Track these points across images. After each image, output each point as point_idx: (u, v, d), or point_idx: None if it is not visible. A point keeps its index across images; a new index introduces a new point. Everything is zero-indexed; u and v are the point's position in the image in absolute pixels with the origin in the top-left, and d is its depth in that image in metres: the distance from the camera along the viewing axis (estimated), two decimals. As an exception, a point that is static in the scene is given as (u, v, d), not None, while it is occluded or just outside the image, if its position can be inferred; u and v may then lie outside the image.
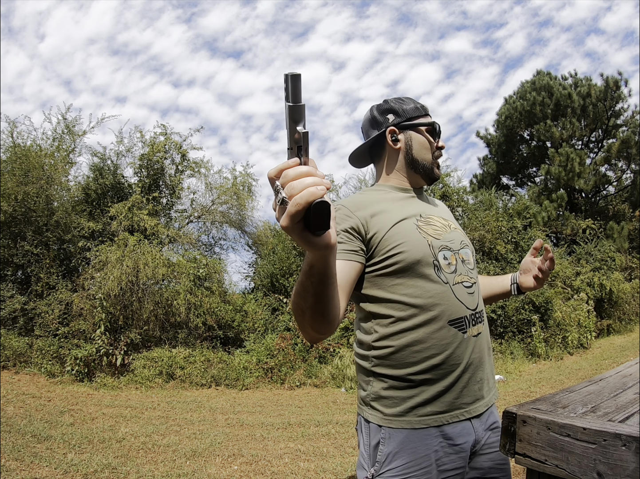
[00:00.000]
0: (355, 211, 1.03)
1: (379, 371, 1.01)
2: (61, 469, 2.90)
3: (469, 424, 1.00)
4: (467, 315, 1.01)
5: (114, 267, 6.61)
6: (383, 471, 0.96)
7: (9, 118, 8.24)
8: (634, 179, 13.40)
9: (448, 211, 1.26)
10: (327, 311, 0.77)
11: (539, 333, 7.58)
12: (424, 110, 1.15)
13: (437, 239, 1.05)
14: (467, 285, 1.06)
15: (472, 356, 1.01)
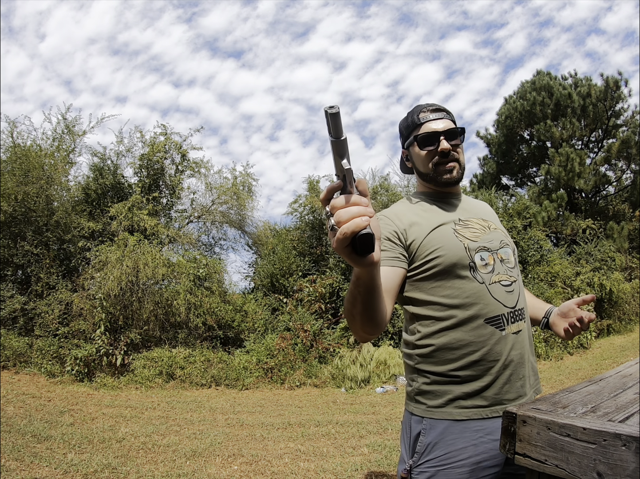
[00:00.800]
0: (395, 220, 1.11)
1: (423, 368, 1.06)
2: (61, 469, 2.90)
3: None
4: (504, 313, 1.04)
5: (114, 267, 6.61)
6: (421, 461, 0.99)
7: (9, 118, 8.25)
8: (634, 179, 13.40)
9: (490, 211, 1.27)
10: (374, 316, 0.86)
11: (539, 333, 7.58)
12: (418, 120, 1.15)
13: (475, 241, 1.08)
14: (505, 284, 1.07)
15: (512, 353, 1.03)
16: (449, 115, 1.16)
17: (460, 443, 0.98)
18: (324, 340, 6.91)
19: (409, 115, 1.19)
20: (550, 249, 10.32)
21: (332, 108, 0.58)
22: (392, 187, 9.51)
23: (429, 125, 1.13)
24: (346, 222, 0.59)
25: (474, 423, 0.99)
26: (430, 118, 1.14)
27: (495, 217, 1.25)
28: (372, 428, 4.14)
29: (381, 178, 10.08)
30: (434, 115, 1.14)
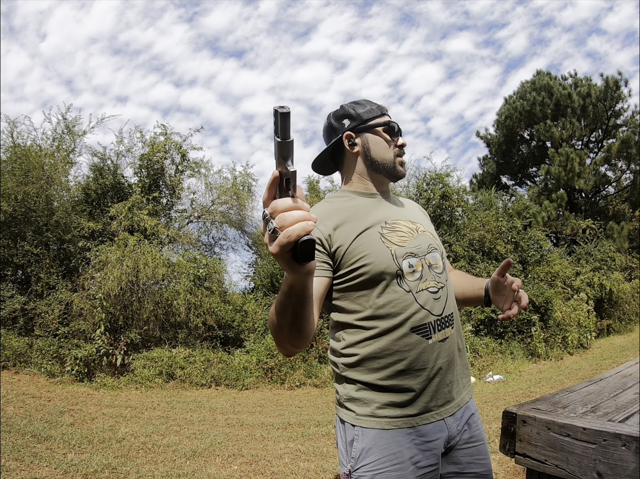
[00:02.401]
0: (319, 224, 1.03)
1: (349, 376, 1.04)
2: (61, 469, 2.90)
3: (442, 423, 1.02)
4: (431, 321, 1.02)
5: (114, 267, 6.61)
6: (358, 466, 0.99)
7: (9, 118, 8.25)
8: (634, 179, 13.40)
9: (418, 211, 1.24)
10: (303, 328, 0.82)
11: (539, 333, 7.58)
12: (381, 110, 1.14)
13: (402, 246, 1.04)
14: (432, 291, 1.05)
15: (439, 361, 1.02)
16: None
17: (394, 447, 0.97)
18: (323, 339, 6.91)
19: (361, 102, 1.16)
20: (550, 249, 10.32)
21: (283, 108, 0.56)
22: (391, 186, 9.51)
23: (388, 119, 1.14)
24: (290, 225, 0.56)
25: (405, 430, 0.99)
26: (388, 115, 1.15)
27: (424, 217, 1.22)
28: (372, 428, 4.13)
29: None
30: (388, 113, 1.16)
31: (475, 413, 1.11)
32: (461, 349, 1.12)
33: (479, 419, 1.12)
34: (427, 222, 1.20)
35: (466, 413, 1.08)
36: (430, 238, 1.12)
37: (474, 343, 7.12)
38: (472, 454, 1.05)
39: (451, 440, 1.04)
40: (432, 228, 1.20)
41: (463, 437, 1.06)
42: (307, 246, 0.58)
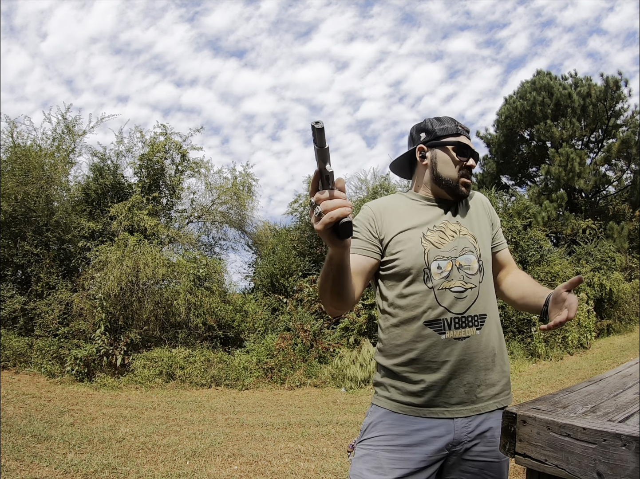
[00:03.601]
0: (376, 213, 1.19)
1: (377, 360, 1.18)
2: (61, 469, 2.90)
3: (450, 422, 1.04)
4: (447, 318, 1.07)
5: (114, 267, 6.61)
6: (363, 438, 1.09)
7: (9, 118, 8.25)
8: (634, 179, 13.40)
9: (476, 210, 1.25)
10: (342, 292, 0.98)
11: (539, 333, 7.57)
12: (457, 130, 1.21)
13: (438, 248, 1.13)
14: (457, 290, 1.10)
15: (452, 358, 1.05)
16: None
17: (395, 429, 1.05)
18: (323, 340, 6.91)
19: (443, 119, 1.24)
20: (550, 249, 10.32)
21: (318, 123, 0.71)
22: (392, 186, 9.51)
23: (464, 140, 1.21)
24: (332, 210, 0.74)
25: (411, 417, 1.06)
26: (465, 135, 1.23)
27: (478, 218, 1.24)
28: (372, 428, 4.13)
29: (381, 177, 10.09)
30: (467, 134, 1.24)
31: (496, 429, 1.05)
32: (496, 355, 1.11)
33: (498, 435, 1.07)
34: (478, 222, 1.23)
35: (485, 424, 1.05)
36: (469, 241, 1.17)
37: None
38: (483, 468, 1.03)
39: (457, 444, 1.03)
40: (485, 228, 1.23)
41: (475, 449, 1.04)
42: (346, 226, 0.76)
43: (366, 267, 1.13)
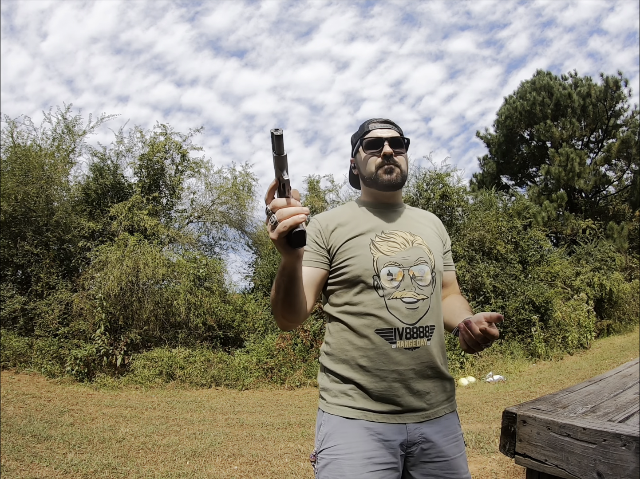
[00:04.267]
0: (323, 223, 1.20)
1: (324, 364, 1.17)
2: (61, 469, 2.90)
3: (403, 426, 1.06)
4: (398, 327, 1.07)
5: (114, 267, 6.61)
6: (322, 448, 1.08)
7: (9, 118, 8.24)
8: (634, 179, 13.40)
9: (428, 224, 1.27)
10: (293, 303, 0.99)
11: (539, 333, 7.58)
12: (366, 127, 1.22)
13: (388, 255, 1.13)
14: (409, 301, 1.10)
15: (402, 367, 1.07)
16: (396, 128, 1.24)
17: (350, 437, 1.05)
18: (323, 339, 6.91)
19: (361, 125, 1.27)
20: (550, 249, 10.32)
21: (277, 130, 0.72)
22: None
23: (375, 132, 1.21)
24: (287, 218, 0.75)
25: (364, 422, 1.06)
26: (378, 127, 1.22)
27: (431, 231, 1.25)
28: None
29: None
30: (381, 125, 1.22)
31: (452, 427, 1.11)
32: (442, 364, 1.14)
33: (456, 433, 1.12)
34: (431, 236, 1.23)
35: (436, 426, 1.08)
36: (424, 252, 1.16)
37: (474, 343, 7.11)
38: (442, 468, 1.06)
39: (412, 446, 1.05)
40: (437, 243, 1.22)
41: (433, 451, 1.06)
42: (299, 235, 0.77)
43: (316, 279, 1.15)
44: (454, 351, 6.89)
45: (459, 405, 4.82)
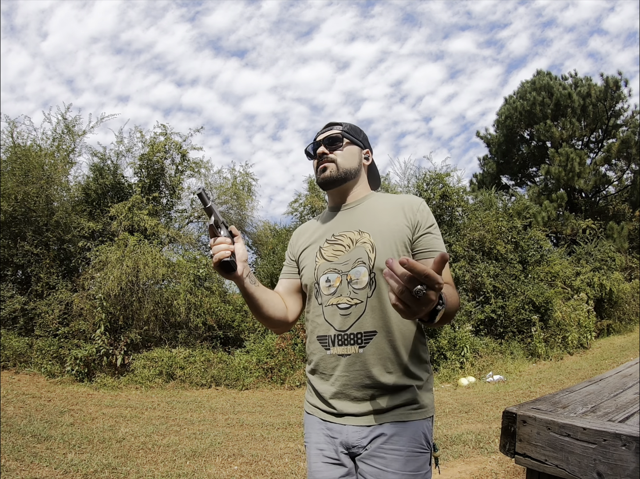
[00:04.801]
0: (294, 238, 1.31)
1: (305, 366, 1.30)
2: (61, 469, 2.90)
3: (344, 428, 1.09)
4: (331, 334, 1.10)
5: (114, 267, 6.61)
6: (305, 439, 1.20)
7: (9, 118, 8.25)
8: (634, 179, 13.40)
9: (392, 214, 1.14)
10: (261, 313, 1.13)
11: (539, 333, 7.58)
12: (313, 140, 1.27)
13: (330, 261, 1.14)
14: (342, 306, 1.10)
15: (337, 373, 1.09)
16: (338, 126, 1.24)
17: (311, 428, 1.16)
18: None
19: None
20: (550, 249, 10.32)
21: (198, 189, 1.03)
22: (391, 186, 9.52)
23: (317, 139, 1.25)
24: (216, 253, 0.99)
25: (317, 418, 1.15)
26: (318, 134, 1.26)
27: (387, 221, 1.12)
28: (372, 428, 4.13)
29: (381, 177, 10.08)
30: (321, 131, 1.26)
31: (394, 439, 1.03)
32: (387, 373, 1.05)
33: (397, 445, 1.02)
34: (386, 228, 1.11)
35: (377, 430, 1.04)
36: (364, 251, 1.09)
37: (474, 343, 7.12)
38: (372, 474, 1.03)
39: (352, 448, 1.06)
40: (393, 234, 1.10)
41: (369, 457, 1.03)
42: (225, 264, 1.01)
43: (291, 288, 1.23)
44: (454, 351, 6.90)
45: (459, 405, 4.83)
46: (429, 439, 1.07)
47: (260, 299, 1.11)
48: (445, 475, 2.90)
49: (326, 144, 1.20)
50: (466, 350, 6.84)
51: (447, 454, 3.28)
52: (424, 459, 1.04)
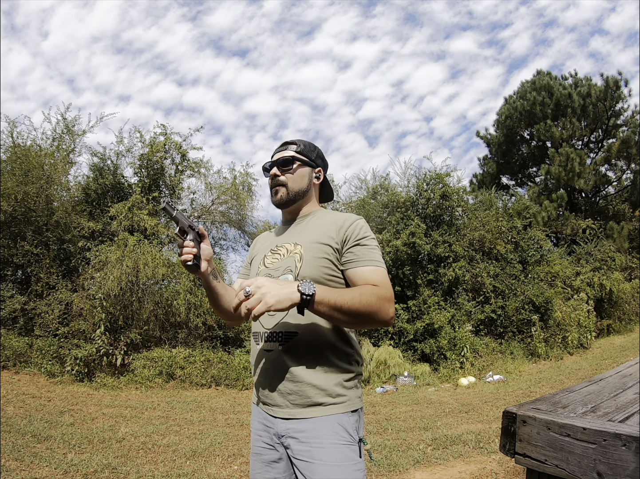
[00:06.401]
0: (254, 242, 1.49)
1: None
2: (61, 469, 2.90)
3: (271, 417, 1.20)
4: (260, 331, 1.24)
5: (114, 267, 6.61)
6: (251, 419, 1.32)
7: (8, 118, 8.24)
8: (634, 179, 13.40)
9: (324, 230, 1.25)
10: (218, 305, 1.32)
11: (539, 333, 7.58)
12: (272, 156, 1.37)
13: (267, 268, 1.28)
14: None
15: (262, 366, 1.22)
16: (293, 146, 1.33)
17: (254, 415, 1.28)
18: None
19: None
20: (550, 249, 10.32)
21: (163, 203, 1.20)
22: (392, 187, 9.52)
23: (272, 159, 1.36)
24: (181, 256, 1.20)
25: (255, 406, 1.27)
26: (274, 154, 1.36)
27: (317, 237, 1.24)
28: (372, 428, 4.14)
29: (381, 177, 10.09)
30: (277, 150, 1.36)
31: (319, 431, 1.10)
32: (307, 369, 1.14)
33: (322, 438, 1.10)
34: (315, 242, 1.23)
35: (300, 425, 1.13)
36: (293, 260, 1.23)
37: (474, 343, 7.12)
38: (301, 468, 1.12)
39: (281, 437, 1.16)
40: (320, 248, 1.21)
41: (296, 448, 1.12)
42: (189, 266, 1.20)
43: None
44: (454, 351, 6.90)
45: (459, 405, 4.83)
46: (350, 432, 1.13)
47: (219, 293, 1.29)
48: (445, 475, 2.90)
49: (279, 166, 1.31)
50: (466, 350, 6.84)
51: (447, 454, 3.28)
52: (350, 450, 1.11)
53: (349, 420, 1.14)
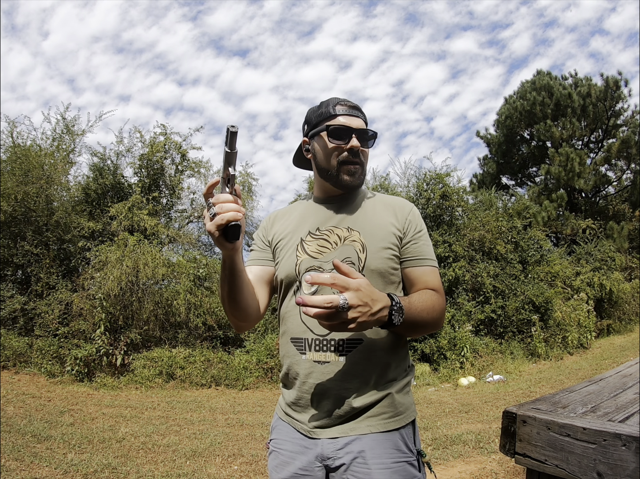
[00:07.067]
0: (268, 221, 1.17)
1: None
2: (61, 469, 2.90)
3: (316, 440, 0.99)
4: (308, 338, 1.00)
5: (114, 267, 6.61)
6: (270, 438, 1.10)
7: (8, 118, 8.25)
8: (634, 179, 13.41)
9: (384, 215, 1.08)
10: (239, 299, 0.97)
11: (539, 333, 7.58)
12: (333, 111, 1.05)
13: (314, 258, 1.03)
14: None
15: (311, 380, 0.99)
16: (363, 117, 1.09)
17: (283, 434, 1.05)
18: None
19: (322, 104, 1.09)
20: (550, 249, 10.32)
21: (234, 127, 0.76)
22: (392, 187, 9.51)
23: (344, 119, 1.05)
24: (226, 212, 0.79)
25: (289, 426, 1.05)
26: (346, 113, 1.06)
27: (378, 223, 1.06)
28: (372, 428, 4.13)
29: (381, 178, 10.08)
30: (350, 111, 1.06)
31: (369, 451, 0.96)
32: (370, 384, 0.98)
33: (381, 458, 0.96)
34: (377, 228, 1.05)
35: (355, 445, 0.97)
36: (353, 250, 1.02)
37: (474, 343, 7.12)
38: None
39: (327, 459, 0.97)
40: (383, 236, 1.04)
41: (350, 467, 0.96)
42: (234, 229, 0.81)
43: (264, 277, 1.10)
44: (454, 351, 6.90)
45: (459, 405, 4.83)
46: (410, 446, 0.99)
47: (245, 280, 0.96)
48: (445, 475, 2.90)
49: (359, 138, 1.04)
50: (466, 350, 6.84)
51: (447, 454, 3.28)
52: (411, 466, 0.97)
53: (407, 433, 1.00)
